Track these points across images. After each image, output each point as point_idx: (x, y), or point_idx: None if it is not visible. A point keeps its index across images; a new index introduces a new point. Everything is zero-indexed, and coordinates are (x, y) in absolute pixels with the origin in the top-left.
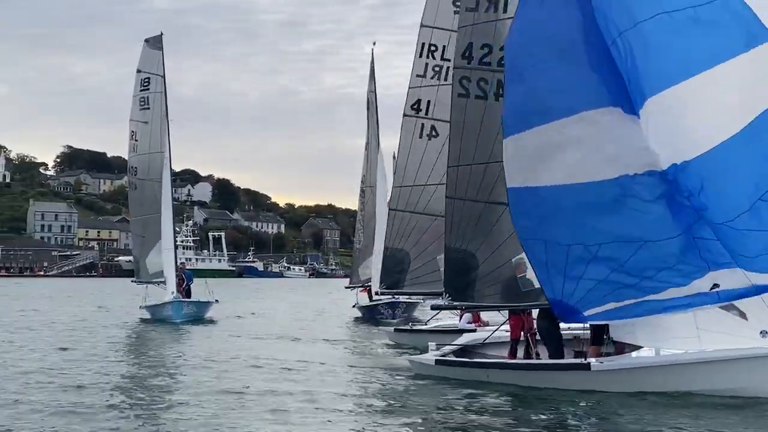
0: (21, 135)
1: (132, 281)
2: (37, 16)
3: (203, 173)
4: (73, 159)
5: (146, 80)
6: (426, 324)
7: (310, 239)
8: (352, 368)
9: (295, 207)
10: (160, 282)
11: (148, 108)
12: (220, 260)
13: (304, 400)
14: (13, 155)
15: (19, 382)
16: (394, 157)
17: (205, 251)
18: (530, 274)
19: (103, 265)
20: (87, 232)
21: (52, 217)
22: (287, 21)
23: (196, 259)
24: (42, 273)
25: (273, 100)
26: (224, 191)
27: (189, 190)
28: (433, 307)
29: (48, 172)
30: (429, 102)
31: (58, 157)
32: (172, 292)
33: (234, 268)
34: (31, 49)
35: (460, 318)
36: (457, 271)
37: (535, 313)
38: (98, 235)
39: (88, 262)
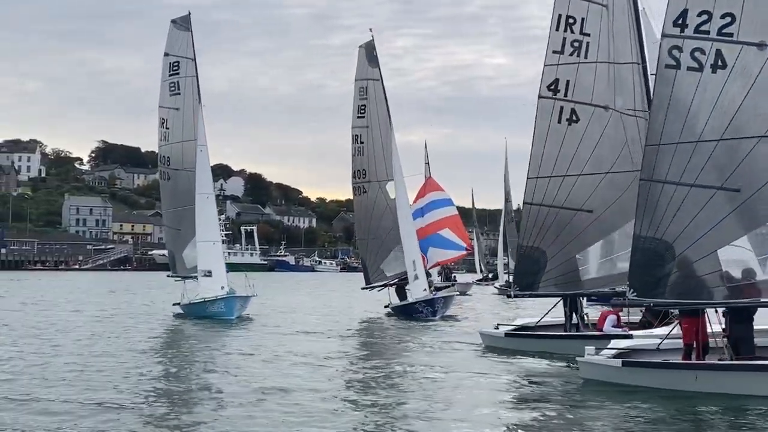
0: (56, 131)
1: (168, 276)
2: (68, 11)
3: (235, 168)
4: (108, 154)
5: (175, 64)
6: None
7: (341, 233)
8: (498, 376)
9: (327, 201)
10: (194, 276)
11: (179, 93)
12: (252, 254)
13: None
14: (48, 150)
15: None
16: (425, 147)
17: (238, 245)
18: (731, 270)
19: (137, 259)
20: (121, 226)
21: (87, 212)
22: (316, 15)
23: (229, 253)
24: (77, 267)
25: (303, 94)
26: (256, 186)
27: (221, 184)
28: (613, 305)
29: (83, 167)
30: (568, 82)
31: (92, 152)
32: (223, 287)
33: (266, 262)
34: (63, 44)
35: (602, 320)
36: (647, 265)
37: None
38: (132, 229)
39: (122, 256)
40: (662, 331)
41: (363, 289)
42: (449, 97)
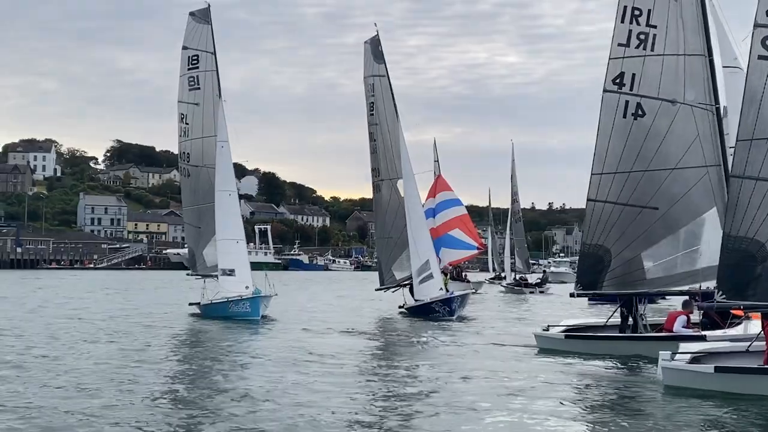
0: (71, 130)
1: (188, 274)
2: (84, 10)
3: (249, 167)
4: (123, 153)
5: (195, 58)
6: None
7: (355, 232)
8: (572, 382)
9: (341, 200)
10: (214, 275)
11: (199, 88)
12: (266, 253)
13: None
14: (63, 149)
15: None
16: (434, 144)
17: (252, 244)
18: None
19: (152, 258)
20: (136, 225)
21: (102, 211)
22: (329, 14)
23: None
24: (92, 266)
25: (317, 93)
26: (270, 185)
27: (236, 183)
28: (700, 308)
29: (98, 166)
30: (634, 75)
31: (107, 151)
32: (247, 287)
33: (280, 261)
34: (79, 44)
35: (671, 321)
36: (738, 265)
37: None
38: (147, 228)
39: (137, 255)
40: (736, 332)
41: (377, 290)
42: (462, 96)
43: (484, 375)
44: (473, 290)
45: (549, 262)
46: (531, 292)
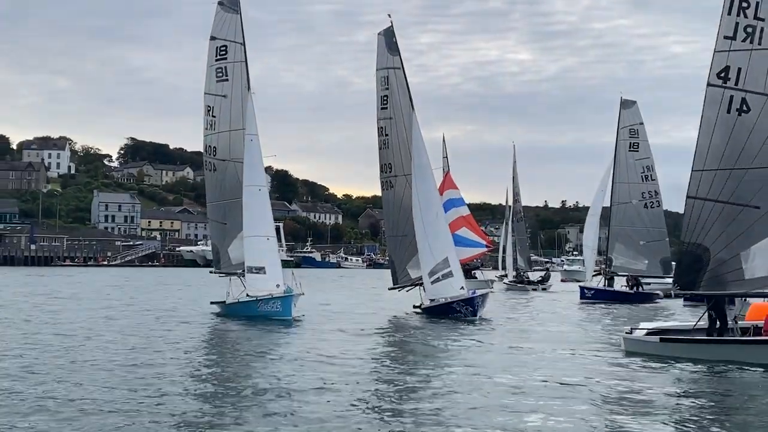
0: (86, 128)
1: (211, 272)
2: (96, 9)
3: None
4: (136, 151)
5: (223, 48)
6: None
7: (367, 230)
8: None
9: (353, 198)
10: (239, 273)
11: (227, 79)
12: (278, 250)
13: None
14: (78, 147)
15: None
16: (443, 141)
17: None
18: None
19: (165, 255)
20: (149, 222)
21: (116, 208)
22: (340, 11)
23: None
24: (106, 263)
25: (328, 91)
26: (283, 182)
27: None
28: None
29: (112, 164)
30: (740, 70)
31: (121, 149)
32: (278, 285)
33: (292, 259)
34: (93, 42)
35: None
36: None
37: None
38: (160, 225)
39: (150, 252)
40: None
41: (390, 289)
42: (474, 93)
43: (592, 382)
44: (492, 289)
45: (563, 261)
46: (534, 290)
